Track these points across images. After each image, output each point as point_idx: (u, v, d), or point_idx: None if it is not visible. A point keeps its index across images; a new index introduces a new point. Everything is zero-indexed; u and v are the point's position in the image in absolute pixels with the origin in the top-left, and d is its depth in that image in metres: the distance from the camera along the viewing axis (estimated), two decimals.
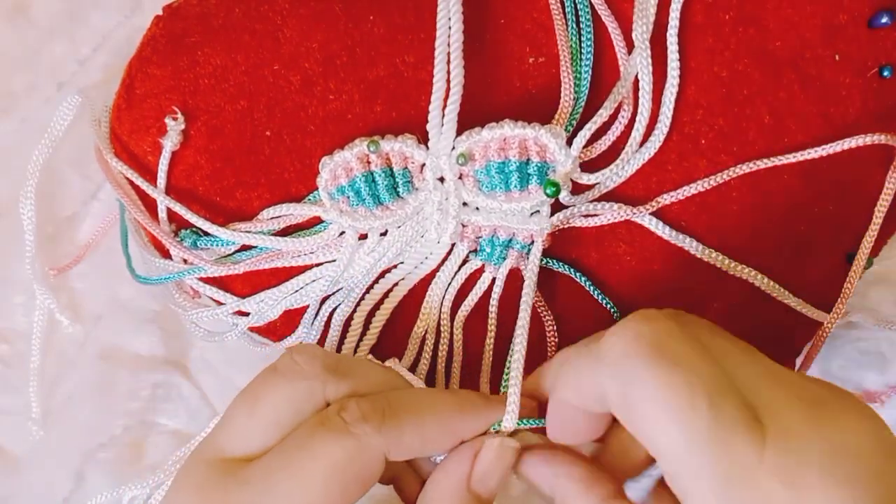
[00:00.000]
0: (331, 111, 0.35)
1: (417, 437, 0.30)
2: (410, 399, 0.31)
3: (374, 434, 0.29)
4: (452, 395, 0.33)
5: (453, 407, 0.31)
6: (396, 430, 0.30)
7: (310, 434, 0.29)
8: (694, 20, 0.34)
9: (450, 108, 0.32)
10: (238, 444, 0.30)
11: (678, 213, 0.35)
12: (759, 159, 0.34)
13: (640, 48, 0.33)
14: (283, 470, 0.29)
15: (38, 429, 0.40)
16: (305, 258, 0.36)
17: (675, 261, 0.35)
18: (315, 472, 0.28)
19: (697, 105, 0.34)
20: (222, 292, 0.37)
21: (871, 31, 0.34)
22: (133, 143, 0.36)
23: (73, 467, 0.40)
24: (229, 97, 0.35)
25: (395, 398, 0.31)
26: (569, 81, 0.34)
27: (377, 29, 0.34)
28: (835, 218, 0.35)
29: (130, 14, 0.41)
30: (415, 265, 0.36)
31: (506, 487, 0.40)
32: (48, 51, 0.41)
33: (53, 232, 0.41)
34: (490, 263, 0.35)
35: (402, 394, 0.32)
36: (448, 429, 0.31)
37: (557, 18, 0.34)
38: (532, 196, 0.34)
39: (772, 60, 0.34)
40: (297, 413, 0.30)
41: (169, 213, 0.36)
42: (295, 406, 0.30)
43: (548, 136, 0.33)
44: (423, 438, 0.30)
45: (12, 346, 0.41)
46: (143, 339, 0.41)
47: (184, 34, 0.35)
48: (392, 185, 0.34)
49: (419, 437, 0.30)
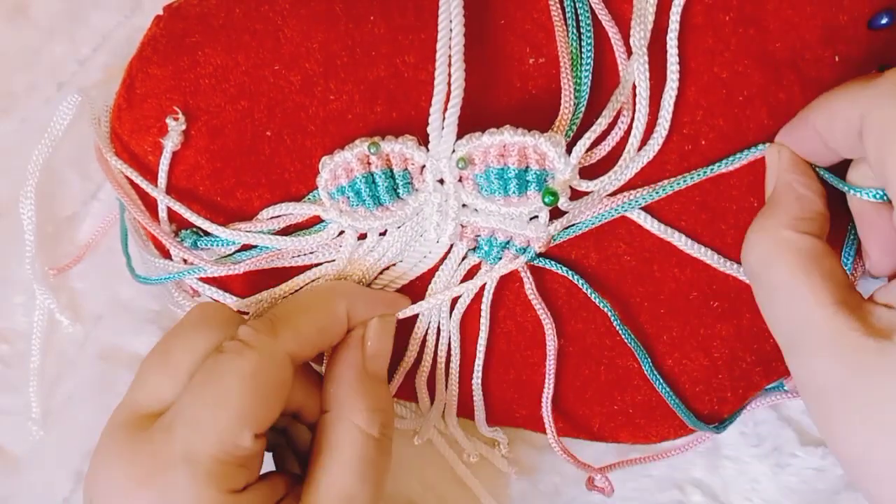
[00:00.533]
0: (331, 111, 0.35)
1: (312, 330, 0.32)
2: (293, 302, 0.34)
3: (271, 340, 0.31)
4: (330, 285, 0.35)
5: (326, 287, 0.34)
6: (291, 330, 0.31)
7: (213, 363, 0.30)
8: (694, 21, 0.34)
9: (450, 112, 0.32)
10: (153, 398, 0.31)
11: (678, 213, 0.35)
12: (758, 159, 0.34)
13: (637, 55, 0.33)
14: (199, 400, 0.29)
15: (38, 429, 0.40)
16: (305, 258, 0.36)
17: (675, 261, 0.35)
18: (228, 391, 0.29)
19: (697, 106, 0.34)
20: (222, 292, 0.37)
21: (871, 32, 0.34)
22: (133, 142, 0.36)
23: (73, 467, 0.40)
24: (230, 97, 0.35)
25: (279, 308, 0.33)
26: (569, 88, 0.34)
27: (378, 29, 0.34)
28: (834, 218, 0.35)
29: (130, 14, 0.41)
30: (414, 264, 0.36)
31: (506, 487, 0.40)
32: (48, 51, 0.41)
33: (53, 232, 0.41)
34: (486, 262, 0.35)
35: (284, 302, 0.34)
36: (331, 307, 0.33)
37: (557, 22, 0.34)
38: (530, 202, 0.34)
39: (772, 61, 0.34)
40: (206, 357, 0.31)
41: (169, 212, 0.36)
42: (204, 351, 0.31)
43: (547, 145, 0.32)
44: (318, 330, 0.32)
45: (12, 346, 0.41)
46: (143, 339, 0.41)
47: (184, 34, 0.35)
48: (392, 186, 0.34)
49: (314, 330, 0.32)
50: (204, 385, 0.30)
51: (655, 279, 0.35)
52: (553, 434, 0.36)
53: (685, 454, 0.39)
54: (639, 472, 0.40)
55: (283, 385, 0.31)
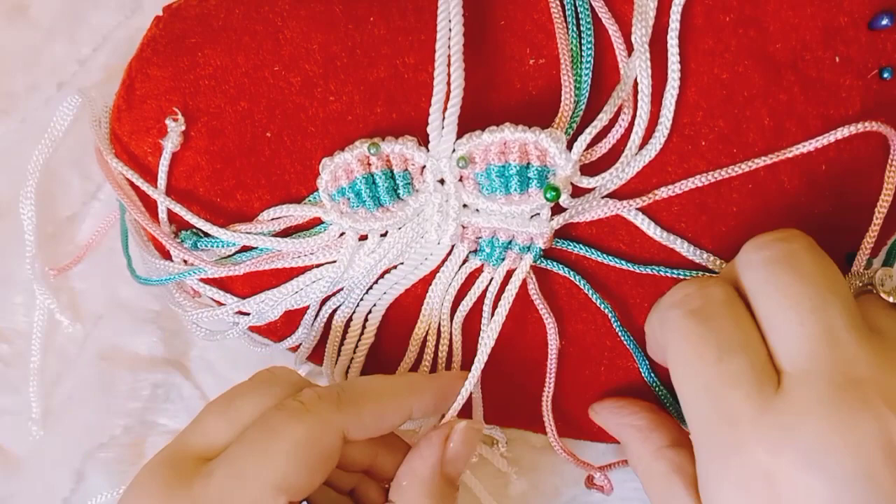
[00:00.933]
0: (331, 112, 0.35)
1: (373, 413, 0.32)
2: (362, 382, 0.34)
3: (333, 410, 0.30)
4: (400, 376, 0.36)
5: (404, 385, 0.34)
6: (354, 409, 0.31)
7: (269, 418, 0.30)
8: (694, 22, 0.34)
9: (450, 111, 0.32)
10: (204, 441, 0.30)
11: (678, 215, 0.35)
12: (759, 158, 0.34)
13: (639, 51, 0.33)
14: (246, 454, 0.29)
15: (38, 429, 0.40)
16: (306, 259, 0.36)
17: (675, 262, 0.35)
18: (278, 450, 0.29)
19: (697, 107, 0.34)
20: (223, 293, 0.37)
21: (872, 33, 0.34)
22: (133, 143, 0.35)
23: (73, 467, 0.40)
24: (230, 98, 0.35)
25: (348, 384, 0.33)
26: (569, 84, 0.34)
27: (377, 30, 0.34)
28: (834, 218, 0.35)
29: (130, 14, 0.41)
30: (415, 266, 0.36)
31: (506, 487, 0.40)
32: (48, 51, 0.41)
33: (53, 232, 0.41)
34: (489, 264, 0.35)
35: (353, 380, 0.35)
36: (401, 406, 0.33)
37: (558, 21, 0.34)
38: (532, 199, 0.34)
39: (772, 62, 0.34)
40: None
41: (169, 213, 0.36)
42: (267, 406, 0.31)
43: (548, 141, 0.33)
44: (378, 415, 0.32)
45: (12, 346, 0.41)
46: (143, 339, 0.41)
47: (184, 35, 0.35)
48: (392, 187, 0.34)
49: (375, 413, 0.32)
50: (254, 437, 0.29)
51: (655, 280, 0.35)
52: (553, 434, 0.36)
53: None
54: None
55: (330, 458, 0.30)
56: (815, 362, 0.27)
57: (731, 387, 0.27)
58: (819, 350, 0.27)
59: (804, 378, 0.26)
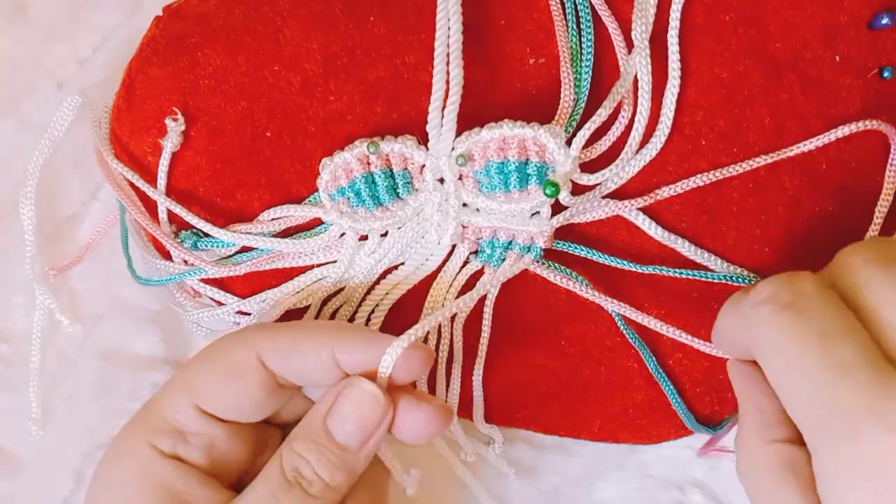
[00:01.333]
0: (331, 112, 0.35)
1: (290, 339, 0.31)
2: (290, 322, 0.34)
3: (250, 328, 0.32)
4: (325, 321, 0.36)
5: (329, 327, 0.32)
6: (271, 329, 0.32)
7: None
8: (694, 21, 0.34)
9: (449, 109, 0.32)
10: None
11: (678, 214, 0.35)
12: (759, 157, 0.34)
13: (639, 48, 0.33)
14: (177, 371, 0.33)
15: (38, 429, 0.40)
16: (306, 259, 0.36)
17: (676, 262, 0.35)
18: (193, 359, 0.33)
19: (698, 106, 0.34)
20: (223, 293, 0.37)
21: (872, 33, 0.34)
22: (133, 144, 0.35)
23: (73, 467, 0.40)
24: (229, 98, 0.35)
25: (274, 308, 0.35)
26: (569, 82, 0.34)
27: (377, 30, 0.34)
28: (835, 219, 0.35)
29: (130, 14, 0.41)
30: (416, 266, 0.36)
31: (505, 487, 0.40)
32: (48, 51, 0.41)
33: (53, 232, 0.41)
34: (490, 265, 0.35)
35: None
36: (320, 343, 0.30)
37: (558, 19, 0.34)
38: (532, 196, 0.34)
39: (772, 61, 0.34)
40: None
41: (169, 214, 0.36)
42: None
43: (546, 136, 0.33)
44: (295, 343, 0.31)
45: (12, 346, 0.41)
46: (143, 339, 0.41)
47: (184, 35, 0.35)
48: (392, 187, 0.34)
49: (292, 339, 0.31)
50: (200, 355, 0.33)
51: (656, 280, 0.35)
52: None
53: (685, 454, 0.39)
54: (639, 472, 0.40)
55: (243, 372, 0.31)
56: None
57: (841, 375, 0.25)
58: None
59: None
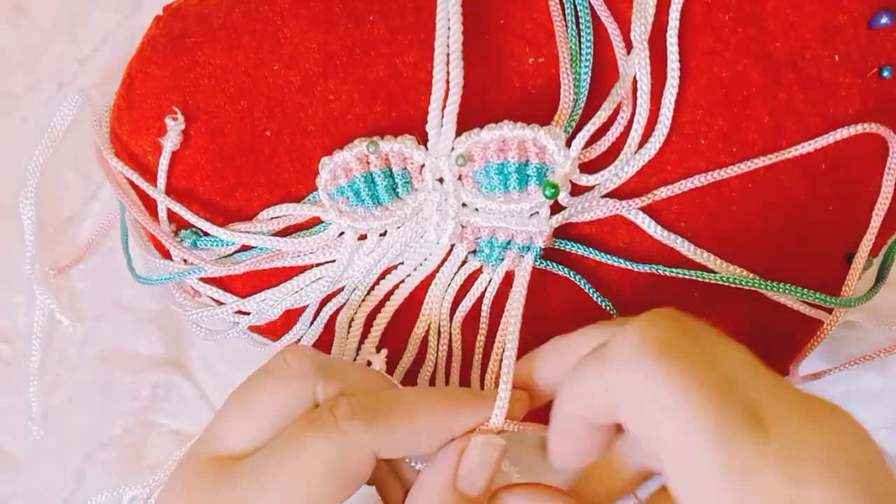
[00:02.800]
0: (331, 111, 0.35)
1: (408, 434, 0.30)
2: (401, 397, 0.31)
3: (365, 431, 0.29)
4: (442, 392, 0.33)
5: (444, 404, 0.31)
6: (387, 427, 0.30)
7: (300, 432, 0.29)
8: (693, 21, 0.34)
9: (449, 109, 0.32)
10: (230, 443, 0.30)
11: (677, 214, 0.35)
12: (758, 157, 0.34)
13: (638, 48, 0.33)
14: (274, 466, 0.29)
15: (38, 429, 0.40)
16: (305, 258, 0.36)
17: (675, 261, 0.35)
18: (305, 468, 0.28)
19: (697, 105, 0.34)
20: (222, 292, 0.37)
21: (871, 32, 0.34)
22: (133, 143, 0.36)
23: (73, 467, 0.40)
24: (229, 97, 0.35)
25: (385, 397, 0.31)
26: (568, 82, 0.34)
27: (377, 29, 0.34)
28: (834, 218, 0.35)
29: (130, 14, 0.41)
30: (415, 266, 0.36)
31: None
32: (48, 51, 0.41)
33: (53, 232, 0.41)
34: (488, 265, 0.35)
35: (392, 392, 0.32)
36: (438, 426, 0.31)
37: (557, 19, 0.34)
38: (531, 197, 0.34)
39: (771, 61, 0.34)
40: (289, 412, 0.30)
41: (169, 213, 0.36)
42: (286, 405, 0.30)
43: (546, 137, 0.33)
44: (413, 436, 0.30)
45: (12, 346, 0.41)
46: (143, 339, 0.41)
47: (184, 34, 0.35)
48: (391, 186, 0.34)
49: (410, 434, 0.30)
50: (282, 452, 0.29)
51: (656, 280, 0.35)
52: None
53: None
54: None
55: (359, 478, 0.30)
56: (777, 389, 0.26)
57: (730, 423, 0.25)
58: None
59: (776, 404, 0.26)
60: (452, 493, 0.31)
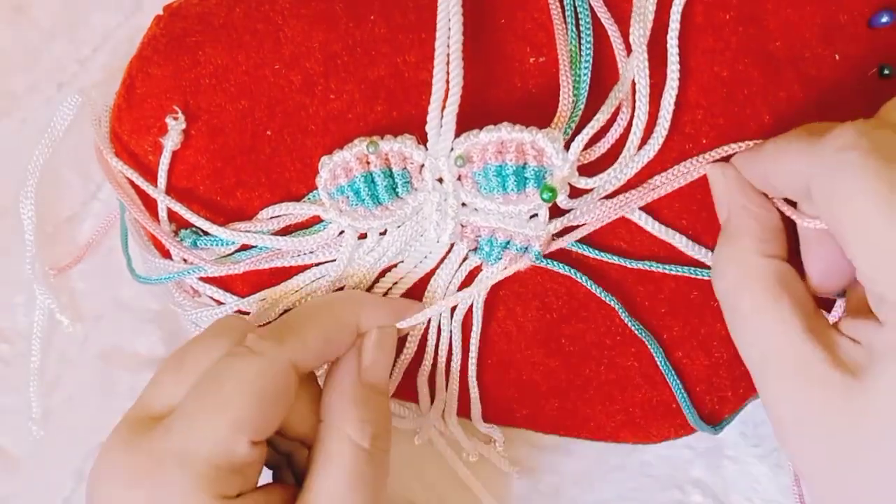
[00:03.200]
0: (331, 111, 0.35)
1: (317, 340, 0.32)
2: (303, 310, 0.34)
3: (276, 346, 0.31)
4: (341, 294, 0.35)
5: (343, 304, 0.34)
6: (296, 338, 0.31)
7: (217, 367, 0.30)
8: (694, 20, 0.34)
9: (448, 109, 0.32)
10: (162, 401, 0.31)
11: (678, 212, 0.35)
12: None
13: (637, 51, 0.33)
14: (199, 402, 0.30)
15: (38, 429, 0.40)
16: (305, 257, 0.36)
17: (674, 258, 0.35)
18: (231, 395, 0.29)
19: (698, 105, 0.34)
20: (222, 292, 0.37)
21: (872, 31, 0.34)
22: (133, 142, 0.36)
23: (73, 467, 0.40)
24: (230, 97, 0.35)
25: (289, 315, 0.33)
26: (567, 85, 0.34)
27: (378, 29, 0.34)
28: None
29: (130, 14, 0.41)
30: (414, 264, 0.36)
31: (506, 487, 0.40)
32: (48, 51, 0.41)
33: (53, 232, 0.41)
34: (488, 263, 0.35)
35: (295, 310, 0.34)
36: (342, 325, 0.33)
37: (557, 22, 0.34)
38: (529, 199, 0.33)
39: (772, 60, 0.34)
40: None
41: (169, 212, 0.36)
42: (216, 358, 0.31)
43: (544, 140, 0.32)
44: (323, 340, 0.32)
45: (12, 346, 0.41)
46: (143, 339, 0.41)
47: (184, 34, 0.35)
48: (391, 186, 0.34)
49: (319, 339, 0.32)
50: (205, 388, 0.30)
51: (656, 278, 0.35)
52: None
53: (686, 454, 0.39)
54: (639, 472, 0.40)
55: (284, 393, 0.31)
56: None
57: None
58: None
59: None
60: (361, 387, 0.33)
